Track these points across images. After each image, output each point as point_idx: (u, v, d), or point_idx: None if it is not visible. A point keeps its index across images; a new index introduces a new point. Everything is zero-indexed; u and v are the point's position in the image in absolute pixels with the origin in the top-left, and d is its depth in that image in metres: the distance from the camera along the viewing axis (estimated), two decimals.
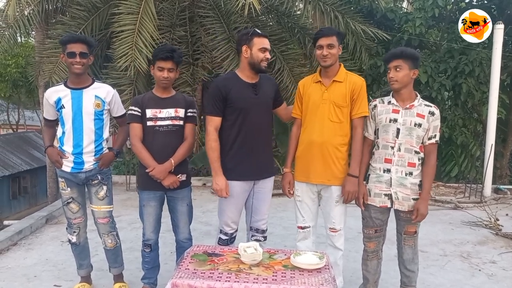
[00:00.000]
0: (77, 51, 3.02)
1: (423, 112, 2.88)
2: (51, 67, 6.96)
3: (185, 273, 2.36)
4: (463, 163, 8.70)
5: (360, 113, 2.95)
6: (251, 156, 3.06)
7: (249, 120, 3.04)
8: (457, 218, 5.71)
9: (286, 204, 6.10)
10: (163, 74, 3.04)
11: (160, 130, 3.09)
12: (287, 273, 2.39)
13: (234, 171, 3.05)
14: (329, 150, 2.96)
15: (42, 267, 3.96)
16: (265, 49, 3.00)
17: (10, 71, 16.14)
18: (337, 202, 3.02)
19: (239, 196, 3.10)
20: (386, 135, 2.93)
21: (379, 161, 2.96)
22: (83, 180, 3.21)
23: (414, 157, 2.90)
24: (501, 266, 4.15)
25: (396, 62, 2.85)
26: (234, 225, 3.19)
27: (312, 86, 3.06)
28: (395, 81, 2.87)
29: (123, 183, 7.29)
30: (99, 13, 7.25)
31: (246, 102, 3.03)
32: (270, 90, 3.15)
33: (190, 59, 7.14)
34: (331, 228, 3.09)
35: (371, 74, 8.61)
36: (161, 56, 3.03)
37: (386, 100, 3.00)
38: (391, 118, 2.91)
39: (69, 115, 3.10)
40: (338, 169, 2.99)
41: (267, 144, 3.17)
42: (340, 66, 3.04)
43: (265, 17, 8.37)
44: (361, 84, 2.97)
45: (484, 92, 8.17)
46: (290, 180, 3.17)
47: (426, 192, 2.92)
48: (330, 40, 2.91)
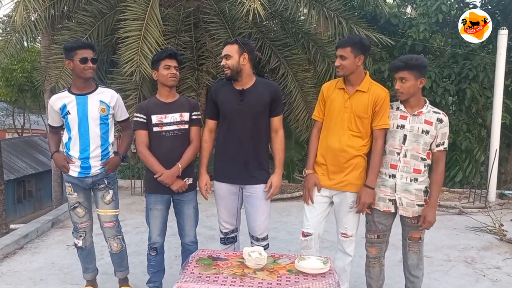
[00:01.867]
0: (89, 57, 3.07)
1: (431, 119, 2.87)
2: (57, 72, 7.02)
3: (190, 277, 2.38)
4: (468, 168, 8.70)
5: (381, 125, 2.93)
6: (236, 161, 3.10)
7: (233, 126, 3.09)
8: (461, 223, 5.70)
9: (290, 209, 6.12)
10: (171, 71, 3.09)
11: (166, 135, 3.13)
12: (291, 278, 2.40)
13: (219, 172, 3.19)
14: (346, 157, 2.96)
15: (48, 270, 3.99)
16: (227, 55, 3.03)
17: (16, 75, 16.23)
18: (351, 208, 3.02)
19: (226, 197, 3.18)
20: (392, 141, 2.93)
21: (385, 166, 2.96)
22: (90, 185, 3.24)
23: (420, 164, 2.89)
24: (505, 271, 4.14)
25: (401, 74, 2.84)
26: (227, 225, 3.24)
27: (336, 92, 3.04)
28: (401, 93, 2.87)
29: (128, 187, 7.32)
30: (105, 19, 7.30)
31: (230, 108, 3.10)
32: (262, 97, 3.07)
33: (194, 64, 7.17)
34: (342, 233, 3.10)
35: (375, 79, 8.55)
36: (166, 55, 3.09)
37: (395, 106, 2.98)
38: (398, 124, 2.91)
39: (75, 121, 3.14)
40: (355, 176, 2.98)
41: (254, 151, 3.09)
42: (365, 75, 3.01)
43: (270, 22, 8.40)
44: (384, 96, 2.93)
45: (488, 97, 8.18)
46: (315, 181, 3.08)
47: (434, 200, 2.91)
48: (342, 52, 2.90)
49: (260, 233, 3.19)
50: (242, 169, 3.09)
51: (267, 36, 7.65)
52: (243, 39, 3.12)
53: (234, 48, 3.02)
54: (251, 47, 3.09)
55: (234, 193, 3.17)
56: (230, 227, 3.24)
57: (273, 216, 3.29)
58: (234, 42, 3.06)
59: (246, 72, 3.06)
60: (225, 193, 3.18)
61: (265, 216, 3.18)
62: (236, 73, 3.03)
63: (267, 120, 3.13)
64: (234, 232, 3.26)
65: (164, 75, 3.10)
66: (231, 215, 3.21)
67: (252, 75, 3.13)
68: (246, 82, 3.07)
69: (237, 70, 3.02)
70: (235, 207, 3.21)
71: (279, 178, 3.13)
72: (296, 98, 7.48)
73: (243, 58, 3.01)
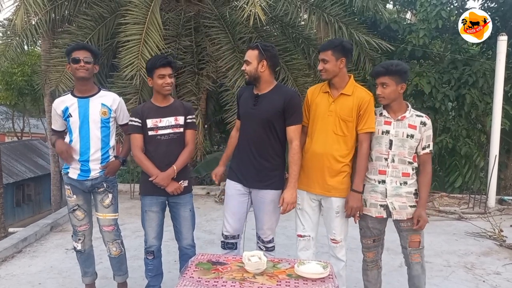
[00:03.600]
0: (81, 57, 3.08)
1: (415, 122, 2.90)
2: (58, 75, 7.04)
3: (190, 281, 2.38)
4: (467, 173, 8.69)
5: (365, 129, 2.94)
6: (247, 164, 3.10)
7: (246, 129, 3.12)
8: (461, 229, 5.69)
9: (289, 213, 6.09)
10: (165, 81, 3.09)
11: (161, 139, 3.14)
12: (291, 282, 2.39)
13: (232, 171, 3.22)
14: (330, 162, 2.96)
15: (47, 274, 3.98)
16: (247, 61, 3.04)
17: (16, 79, 16.28)
18: (337, 213, 3.02)
19: (234, 197, 3.18)
20: (379, 147, 2.94)
21: (374, 173, 2.97)
22: (89, 188, 3.24)
23: (408, 167, 2.91)
24: (505, 277, 4.13)
25: (382, 79, 2.88)
26: (230, 228, 3.20)
27: (320, 96, 3.06)
28: (382, 98, 2.92)
29: (127, 191, 7.32)
30: (105, 23, 7.34)
31: (244, 111, 3.15)
32: (275, 104, 3.01)
33: (195, 69, 7.20)
34: (332, 239, 3.10)
35: (375, 85, 8.60)
36: (161, 64, 3.08)
37: (378, 112, 3.01)
38: (383, 130, 2.93)
39: (76, 123, 3.15)
40: (338, 181, 2.99)
41: (263, 157, 3.07)
42: (350, 79, 3.01)
43: (270, 27, 8.44)
44: (368, 100, 2.95)
45: (487, 103, 8.19)
46: None
47: (424, 201, 2.93)
48: (324, 55, 2.93)
49: (265, 236, 3.20)
50: (251, 172, 3.09)
51: (267, 41, 7.67)
52: (265, 44, 3.07)
53: (254, 54, 3.01)
54: (272, 53, 3.03)
55: (243, 194, 3.16)
56: (232, 232, 3.21)
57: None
58: (255, 47, 3.02)
59: (264, 79, 3.03)
60: (233, 192, 3.18)
61: (272, 221, 3.18)
62: (254, 79, 3.03)
63: (283, 127, 3.05)
64: (235, 239, 3.23)
65: (158, 84, 3.10)
66: (236, 219, 3.19)
67: (273, 81, 3.10)
68: (264, 87, 3.06)
69: (255, 76, 3.02)
70: (241, 210, 3.19)
71: (291, 192, 2.99)
72: None
73: (262, 65, 2.99)
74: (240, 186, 3.15)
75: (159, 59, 3.13)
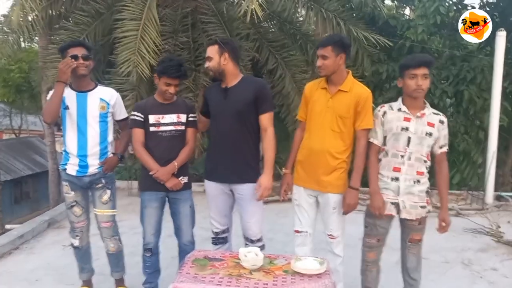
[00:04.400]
0: (79, 54, 3.06)
1: (433, 120, 2.87)
2: (54, 72, 6.94)
3: (186, 277, 2.37)
4: (465, 170, 8.68)
5: (363, 125, 2.92)
6: (222, 160, 3.10)
7: (219, 124, 3.12)
8: (458, 225, 5.69)
9: (287, 210, 6.06)
10: (169, 90, 3.09)
11: (163, 135, 3.14)
12: (287, 278, 2.39)
13: (207, 171, 3.23)
14: (327, 158, 2.95)
15: (44, 271, 3.97)
16: (208, 57, 3.06)
17: (14, 76, 16.23)
18: (334, 209, 3.01)
19: (215, 196, 3.20)
20: (396, 143, 2.88)
21: (387, 169, 2.92)
22: (87, 184, 3.23)
23: (422, 166, 2.88)
24: (502, 273, 4.14)
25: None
26: (218, 225, 3.25)
27: (318, 92, 3.04)
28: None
29: (125, 188, 7.30)
30: (102, 19, 7.28)
31: (214, 106, 3.14)
32: (245, 94, 3.03)
33: (192, 65, 7.15)
34: (329, 235, 3.09)
35: (373, 81, 8.61)
36: (171, 75, 3.05)
37: (396, 107, 2.94)
38: (403, 127, 2.87)
39: (74, 117, 3.14)
40: (335, 177, 2.97)
41: (238, 150, 3.07)
42: (348, 75, 2.99)
43: (267, 23, 8.40)
44: (366, 96, 2.92)
45: (486, 99, 8.17)
46: (288, 181, 3.17)
47: (446, 201, 2.93)
48: (323, 51, 2.91)
49: (253, 235, 3.18)
50: (228, 168, 3.08)
51: (265, 37, 7.64)
52: (224, 38, 3.11)
53: (214, 49, 3.03)
54: (232, 45, 3.07)
55: (225, 192, 3.17)
56: (221, 227, 3.24)
57: (270, 217, 3.28)
58: (214, 42, 3.06)
59: (229, 71, 3.05)
60: (214, 192, 3.20)
61: (256, 217, 3.15)
62: (219, 73, 3.04)
63: (255, 118, 3.07)
64: (225, 233, 3.26)
65: (162, 90, 3.12)
66: (221, 215, 3.22)
67: (238, 73, 3.11)
68: (231, 80, 3.07)
69: (219, 70, 3.03)
70: (225, 207, 3.20)
71: (268, 178, 3.02)
72: (293, 99, 7.46)
73: (224, 58, 3.01)
74: (218, 184, 3.16)
75: (172, 68, 3.06)
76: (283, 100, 7.46)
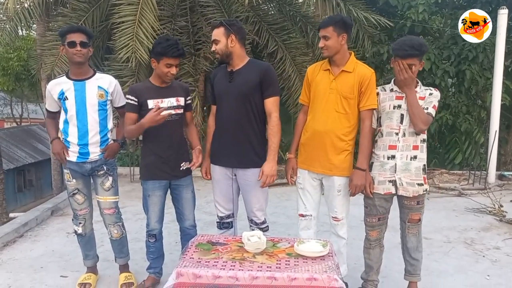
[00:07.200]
0: (77, 40, 3.01)
1: (424, 94, 2.88)
2: (53, 59, 6.96)
3: (190, 262, 2.38)
4: (467, 150, 8.68)
5: (368, 106, 2.90)
6: (226, 143, 3.07)
7: (223, 107, 3.08)
8: (461, 205, 5.71)
9: (290, 193, 6.11)
10: (171, 71, 3.04)
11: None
12: (291, 261, 2.40)
13: (213, 155, 3.21)
14: (332, 140, 2.93)
15: (49, 258, 4.00)
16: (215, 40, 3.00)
17: (13, 64, 16.16)
18: (339, 191, 3.00)
19: (220, 180, 3.18)
20: (390, 122, 2.91)
21: (383, 149, 2.94)
22: (89, 171, 3.22)
23: (417, 139, 2.89)
24: (505, 252, 4.15)
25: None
26: (223, 210, 3.22)
27: (321, 74, 3.01)
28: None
29: (127, 174, 7.31)
30: (99, 4, 7.21)
31: (220, 89, 3.08)
32: (251, 77, 2.98)
33: (191, 50, 7.10)
34: (333, 217, 3.09)
35: (374, 62, 8.55)
36: (172, 55, 2.99)
37: (388, 88, 2.97)
38: (395, 105, 2.89)
39: (73, 106, 3.10)
40: (340, 159, 2.96)
41: (243, 134, 3.03)
42: (351, 56, 2.97)
43: (267, 6, 8.31)
44: (369, 76, 2.90)
45: (488, 79, 8.12)
46: (293, 166, 3.16)
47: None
48: (325, 32, 2.88)
49: (257, 218, 3.18)
50: (232, 152, 3.06)
51: (264, 19, 7.57)
52: (229, 19, 3.03)
53: (220, 32, 2.97)
54: (238, 26, 3.01)
55: (229, 177, 3.15)
56: (226, 212, 3.23)
57: (273, 200, 3.28)
58: (220, 24, 2.99)
59: (237, 53, 3.00)
60: (219, 176, 3.18)
61: (260, 202, 3.14)
62: (226, 56, 2.99)
63: (261, 102, 3.03)
64: (230, 218, 3.24)
65: (163, 72, 3.04)
66: (226, 200, 3.20)
67: (245, 55, 3.07)
68: (238, 63, 3.03)
69: (227, 53, 2.98)
70: (229, 192, 3.18)
71: (271, 165, 2.97)
72: (294, 82, 7.43)
73: (231, 40, 2.96)
74: (223, 168, 3.14)
75: (171, 48, 3.00)
76: (284, 83, 7.43)
